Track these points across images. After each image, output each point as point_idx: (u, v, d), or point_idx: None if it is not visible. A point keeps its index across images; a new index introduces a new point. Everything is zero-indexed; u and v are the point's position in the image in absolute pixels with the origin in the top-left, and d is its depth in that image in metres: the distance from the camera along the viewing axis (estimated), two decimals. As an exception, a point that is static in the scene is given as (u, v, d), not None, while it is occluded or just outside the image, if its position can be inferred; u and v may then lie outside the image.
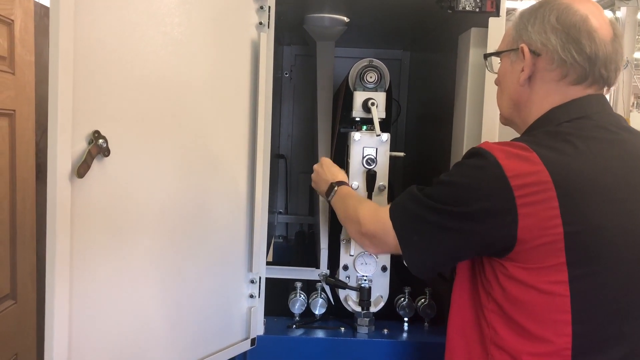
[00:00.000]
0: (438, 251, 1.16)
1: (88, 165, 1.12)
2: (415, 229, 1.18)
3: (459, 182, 1.12)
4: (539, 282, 1.07)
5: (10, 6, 1.96)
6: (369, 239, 1.32)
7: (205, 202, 1.48)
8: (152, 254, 1.33)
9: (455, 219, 1.10)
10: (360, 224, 1.33)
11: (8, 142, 1.98)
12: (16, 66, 2.01)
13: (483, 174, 1.08)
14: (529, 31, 1.17)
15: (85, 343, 1.19)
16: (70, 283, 1.13)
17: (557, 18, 1.13)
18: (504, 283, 1.11)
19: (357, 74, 1.76)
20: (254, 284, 1.65)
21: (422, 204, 1.16)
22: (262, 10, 1.57)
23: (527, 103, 1.20)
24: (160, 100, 1.31)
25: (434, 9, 1.68)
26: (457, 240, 1.12)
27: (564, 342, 1.06)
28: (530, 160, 1.05)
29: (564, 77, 1.14)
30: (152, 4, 1.27)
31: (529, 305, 1.09)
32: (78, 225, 1.13)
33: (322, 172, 1.64)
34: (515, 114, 1.25)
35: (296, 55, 2.77)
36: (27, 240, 2.08)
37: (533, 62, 1.16)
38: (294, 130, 2.84)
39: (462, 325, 1.23)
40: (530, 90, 1.19)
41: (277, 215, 2.79)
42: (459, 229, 1.11)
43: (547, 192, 1.03)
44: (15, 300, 2.04)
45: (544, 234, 1.04)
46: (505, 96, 1.26)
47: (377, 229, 1.28)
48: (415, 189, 1.21)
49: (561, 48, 1.12)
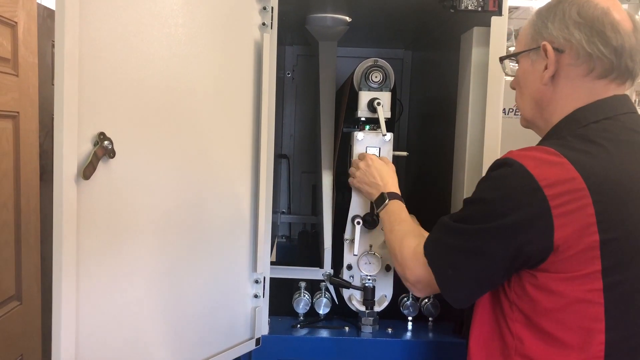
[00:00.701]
0: (476, 279, 1.13)
1: (94, 167, 1.12)
2: (450, 261, 1.14)
3: (489, 197, 1.09)
4: (573, 291, 1.05)
5: (14, 8, 1.97)
6: (412, 284, 1.27)
7: (210, 202, 1.49)
8: (158, 255, 1.34)
9: (489, 237, 1.07)
10: (402, 266, 1.28)
11: (12, 143, 1.99)
12: (20, 68, 2.02)
13: (514, 185, 1.05)
14: (550, 28, 1.14)
15: (92, 343, 1.19)
16: (77, 284, 1.14)
17: (578, 12, 1.12)
18: (533, 293, 1.09)
19: (362, 73, 1.76)
20: (258, 284, 1.65)
21: (454, 231, 1.13)
22: (265, 11, 1.57)
23: (551, 102, 1.18)
24: (164, 101, 1.32)
25: (436, 8, 1.68)
26: (494, 260, 1.08)
27: (596, 350, 1.05)
28: (563, 167, 1.03)
29: (591, 72, 1.12)
30: (156, 5, 1.27)
31: (561, 315, 1.07)
32: (84, 227, 1.14)
33: (370, 172, 1.58)
34: (537, 114, 1.22)
35: (298, 55, 2.77)
36: (31, 242, 2.09)
37: (556, 59, 1.14)
38: (296, 130, 2.84)
39: (483, 337, 1.21)
40: (553, 89, 1.17)
41: (280, 215, 2.80)
42: (493, 248, 1.07)
43: (583, 199, 1.01)
44: (21, 302, 2.05)
45: (580, 243, 1.02)
46: (526, 97, 1.24)
47: (419, 275, 1.22)
48: (445, 218, 1.19)
49: (586, 42, 1.10)
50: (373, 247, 1.72)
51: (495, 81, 1.61)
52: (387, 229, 1.45)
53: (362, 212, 1.71)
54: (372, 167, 1.59)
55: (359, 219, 1.69)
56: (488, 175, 1.12)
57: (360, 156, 1.66)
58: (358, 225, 1.68)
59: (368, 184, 1.58)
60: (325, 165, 1.92)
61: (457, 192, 1.77)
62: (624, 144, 1.08)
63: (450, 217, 1.18)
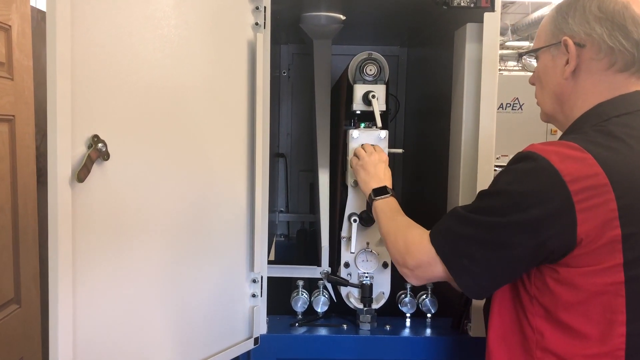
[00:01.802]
0: (495, 271, 1.13)
1: (88, 170, 1.12)
2: (465, 251, 1.14)
3: (511, 189, 1.09)
4: (595, 284, 1.06)
5: (7, 12, 1.97)
6: (410, 270, 1.25)
7: (206, 202, 1.49)
8: (154, 256, 1.34)
9: (511, 231, 1.07)
10: (404, 251, 1.27)
11: (8, 147, 1.99)
12: (15, 71, 2.02)
13: (538, 179, 1.05)
14: (570, 24, 1.16)
15: (90, 345, 1.20)
16: (73, 286, 1.14)
17: (599, 7, 1.14)
18: (555, 287, 1.10)
19: (357, 66, 1.76)
20: (256, 284, 1.66)
21: (471, 222, 1.13)
22: (258, 11, 1.57)
23: (572, 96, 1.19)
24: (158, 103, 1.32)
25: (430, 5, 1.68)
26: (515, 254, 1.09)
27: (618, 342, 1.06)
28: (586, 162, 1.04)
29: (612, 66, 1.14)
30: (149, 7, 1.27)
31: (582, 308, 1.08)
32: (79, 229, 1.14)
33: (379, 167, 1.59)
34: (558, 109, 1.24)
35: (293, 54, 2.77)
36: (29, 245, 2.09)
37: (578, 53, 1.16)
38: (293, 128, 2.85)
39: (502, 331, 1.21)
40: (574, 83, 1.18)
41: (278, 214, 2.80)
42: (515, 241, 1.07)
43: (606, 194, 1.02)
44: (20, 305, 2.05)
45: (602, 237, 1.03)
46: (547, 92, 1.25)
47: (420, 260, 1.22)
48: (459, 208, 1.19)
49: (608, 36, 1.12)
50: (370, 245, 1.72)
51: (489, 77, 1.62)
52: (386, 218, 1.43)
53: (359, 209, 1.72)
54: (382, 161, 1.61)
55: (356, 216, 1.69)
56: (509, 167, 1.12)
57: (366, 147, 1.66)
58: (355, 222, 1.68)
59: (371, 172, 1.58)
60: (322, 163, 1.93)
61: (453, 188, 1.78)
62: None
63: (463, 207, 1.18)
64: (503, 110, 7.59)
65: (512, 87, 7.62)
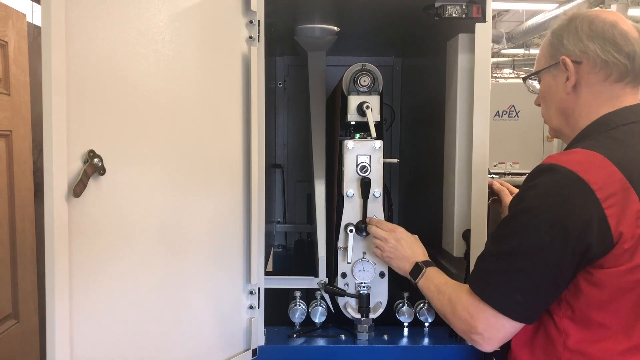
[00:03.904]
0: (547, 293, 1.15)
1: (84, 185, 1.13)
2: (515, 287, 1.14)
3: (542, 204, 1.12)
4: (626, 282, 1.11)
5: (4, 28, 1.98)
6: (480, 334, 1.20)
7: (202, 215, 1.50)
8: (150, 269, 1.35)
9: (552, 248, 1.10)
10: (467, 318, 1.23)
11: (5, 162, 2.00)
12: (11, 87, 2.03)
13: (567, 191, 1.10)
14: (565, 44, 1.26)
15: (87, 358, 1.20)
16: (70, 300, 1.15)
17: (589, 27, 1.23)
18: (586, 289, 1.14)
19: (351, 78, 1.78)
20: (253, 295, 1.66)
21: (505, 255, 1.15)
22: (252, 25, 1.59)
23: (576, 109, 1.27)
24: (153, 117, 1.33)
25: (422, 16, 1.70)
26: (562, 269, 1.11)
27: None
28: (607, 169, 1.11)
29: (609, 77, 1.23)
30: (143, 22, 1.29)
31: (612, 306, 1.13)
32: (76, 244, 1.15)
33: (400, 247, 1.56)
34: (564, 123, 1.31)
35: (289, 65, 2.79)
36: (27, 259, 2.10)
37: (576, 70, 1.24)
38: (289, 139, 2.86)
39: (526, 335, 1.23)
40: (576, 97, 1.27)
41: (275, 225, 2.81)
42: (560, 258, 1.10)
43: (630, 197, 1.09)
44: (18, 320, 2.06)
45: (632, 236, 1.09)
46: (552, 109, 1.33)
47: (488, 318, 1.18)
48: (485, 251, 1.21)
49: (601, 51, 1.22)
50: (367, 255, 1.73)
51: (481, 86, 1.63)
52: (432, 293, 1.40)
53: (355, 220, 1.72)
54: (403, 240, 1.57)
55: (352, 226, 1.70)
56: (534, 182, 1.15)
57: (385, 227, 1.63)
58: (351, 233, 1.69)
59: (399, 257, 1.56)
60: (318, 174, 1.94)
61: (448, 196, 1.79)
62: None
63: (491, 244, 1.20)
64: (499, 118, 7.61)
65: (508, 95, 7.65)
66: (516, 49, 11.59)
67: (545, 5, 9.00)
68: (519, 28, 9.99)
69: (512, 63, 12.09)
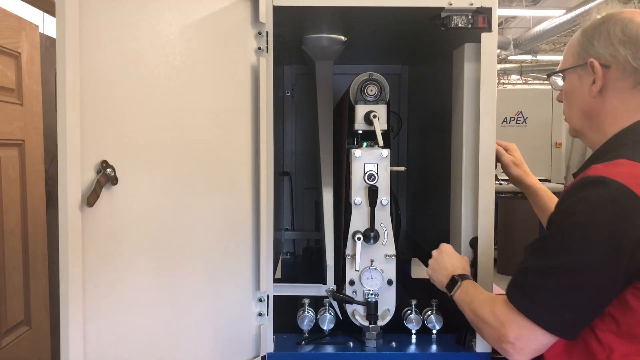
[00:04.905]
0: (596, 309, 1.11)
1: (97, 195, 1.16)
2: (565, 304, 1.10)
3: (595, 220, 1.08)
4: None
5: (17, 39, 2.02)
6: (511, 344, 1.16)
7: (212, 223, 1.52)
8: (161, 276, 1.37)
9: (606, 264, 1.06)
10: (498, 327, 1.19)
11: (18, 171, 2.03)
12: (24, 97, 2.07)
13: (620, 205, 1.06)
14: (595, 46, 1.23)
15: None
16: (84, 308, 1.17)
17: (622, 31, 1.20)
18: (634, 303, 1.10)
19: (358, 87, 1.80)
20: (262, 302, 1.67)
21: (554, 270, 1.11)
22: (261, 36, 1.61)
23: (601, 113, 1.25)
24: (164, 127, 1.36)
25: (428, 26, 1.72)
26: (615, 285, 1.08)
27: None
28: None
29: (637, 84, 1.20)
30: (154, 34, 1.32)
31: None
32: (89, 251, 1.17)
33: (441, 259, 1.52)
34: (586, 125, 1.29)
35: (297, 74, 2.82)
36: (39, 267, 2.13)
37: (603, 74, 1.22)
38: (297, 147, 2.88)
39: (561, 344, 1.18)
40: (602, 101, 1.24)
41: (283, 232, 2.82)
42: (613, 274, 1.07)
43: None
44: (30, 326, 2.08)
45: None
46: (575, 109, 1.31)
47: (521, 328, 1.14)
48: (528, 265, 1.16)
49: (632, 57, 1.18)
50: (374, 262, 1.74)
51: (488, 95, 1.64)
52: (466, 305, 1.35)
53: (363, 227, 1.74)
54: (444, 254, 1.54)
55: (360, 234, 1.71)
56: (582, 196, 1.11)
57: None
58: (359, 240, 1.70)
59: (438, 271, 1.52)
60: (326, 182, 1.95)
61: (455, 205, 1.80)
62: None
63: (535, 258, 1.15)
64: (507, 124, 7.62)
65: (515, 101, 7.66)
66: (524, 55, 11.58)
67: (553, 11, 8.99)
68: (526, 34, 9.99)
69: (520, 69, 12.07)
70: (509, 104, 7.60)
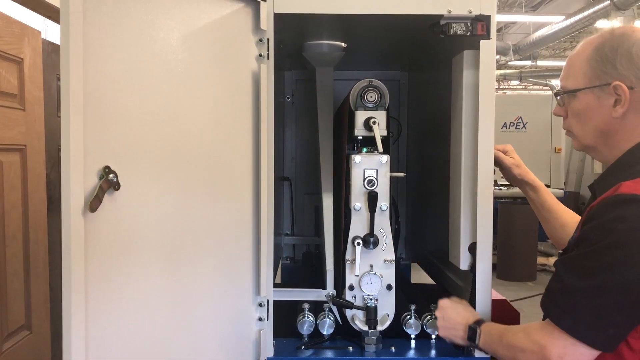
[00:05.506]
0: (634, 324, 1.14)
1: (100, 200, 1.17)
2: (610, 321, 1.13)
3: (636, 239, 1.10)
4: None
5: (19, 45, 2.04)
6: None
7: (213, 228, 1.53)
8: (162, 281, 1.38)
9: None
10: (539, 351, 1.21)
11: (20, 176, 2.04)
12: (26, 102, 2.08)
13: None
14: (619, 69, 1.23)
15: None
16: (86, 313, 1.18)
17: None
18: None
19: (358, 94, 1.82)
20: (262, 307, 1.68)
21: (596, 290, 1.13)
22: (261, 43, 1.63)
23: (619, 131, 1.26)
24: (166, 134, 1.37)
25: (428, 33, 1.73)
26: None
27: None
28: None
29: None
30: (156, 42, 1.33)
31: None
32: (92, 257, 1.18)
33: (448, 317, 1.55)
34: (601, 142, 1.30)
35: (297, 80, 2.83)
36: (40, 271, 2.13)
37: (630, 96, 1.22)
38: (297, 152, 2.89)
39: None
40: (622, 120, 1.25)
41: (283, 237, 2.83)
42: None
43: None
44: (30, 331, 2.09)
45: None
46: (589, 127, 1.30)
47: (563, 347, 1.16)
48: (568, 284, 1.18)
49: None
50: (374, 267, 1.75)
51: (486, 102, 1.66)
52: (496, 344, 1.37)
53: (362, 232, 1.75)
54: (448, 309, 1.57)
55: (359, 239, 1.72)
56: (616, 214, 1.13)
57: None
58: (358, 246, 1.71)
59: (450, 327, 1.54)
60: (326, 187, 1.96)
61: (454, 209, 1.81)
62: None
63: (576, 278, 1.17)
64: (507, 129, 7.64)
65: (515, 106, 7.68)
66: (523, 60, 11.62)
67: (552, 17, 9.03)
68: (526, 40, 10.02)
69: (520, 75, 12.11)
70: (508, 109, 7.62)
